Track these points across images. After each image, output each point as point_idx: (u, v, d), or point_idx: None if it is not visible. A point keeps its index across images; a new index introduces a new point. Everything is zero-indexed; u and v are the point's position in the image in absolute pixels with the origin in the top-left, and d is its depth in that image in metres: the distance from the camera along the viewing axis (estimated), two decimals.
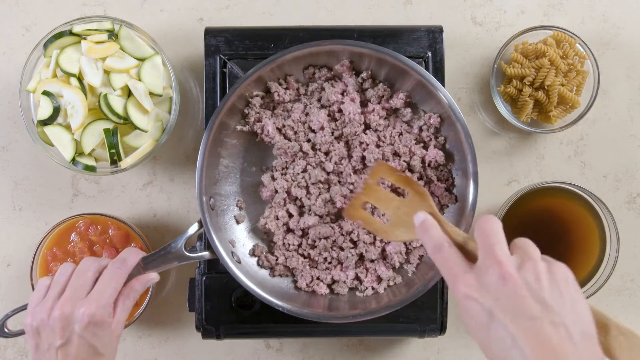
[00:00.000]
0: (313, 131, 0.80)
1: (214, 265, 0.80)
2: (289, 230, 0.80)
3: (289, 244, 0.79)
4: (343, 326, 0.81)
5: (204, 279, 0.80)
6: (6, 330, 0.76)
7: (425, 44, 0.81)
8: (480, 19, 0.90)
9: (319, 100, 0.81)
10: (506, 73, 0.85)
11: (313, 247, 0.80)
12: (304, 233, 0.80)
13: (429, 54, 0.81)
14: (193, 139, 0.89)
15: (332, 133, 0.79)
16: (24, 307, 0.75)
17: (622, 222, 0.88)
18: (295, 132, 0.80)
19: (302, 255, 0.80)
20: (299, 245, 0.80)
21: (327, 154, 0.80)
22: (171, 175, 0.89)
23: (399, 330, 0.82)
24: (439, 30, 0.82)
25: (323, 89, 0.80)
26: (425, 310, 0.80)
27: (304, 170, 0.79)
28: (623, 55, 0.90)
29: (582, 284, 0.83)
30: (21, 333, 0.75)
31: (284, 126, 0.80)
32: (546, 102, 0.84)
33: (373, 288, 0.78)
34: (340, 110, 0.79)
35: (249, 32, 0.82)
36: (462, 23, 0.90)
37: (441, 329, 0.81)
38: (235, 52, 0.81)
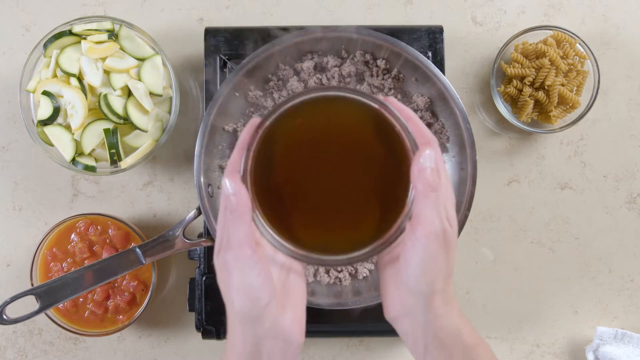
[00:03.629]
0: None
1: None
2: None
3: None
4: (343, 326, 0.81)
5: (204, 279, 0.80)
6: (5, 317, 0.76)
7: (426, 44, 0.81)
8: (480, 19, 0.90)
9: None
10: (506, 73, 0.85)
11: None
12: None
13: (429, 54, 0.81)
14: (193, 139, 0.89)
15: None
16: (22, 294, 0.75)
17: (622, 222, 0.88)
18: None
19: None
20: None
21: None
22: (171, 175, 0.89)
23: None
24: (439, 30, 0.82)
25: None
26: None
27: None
28: (623, 55, 0.90)
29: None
30: (19, 320, 0.74)
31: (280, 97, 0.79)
32: (546, 102, 0.84)
33: (370, 271, 0.78)
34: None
35: (249, 32, 0.82)
36: (462, 23, 0.90)
37: None
38: (235, 52, 0.81)
